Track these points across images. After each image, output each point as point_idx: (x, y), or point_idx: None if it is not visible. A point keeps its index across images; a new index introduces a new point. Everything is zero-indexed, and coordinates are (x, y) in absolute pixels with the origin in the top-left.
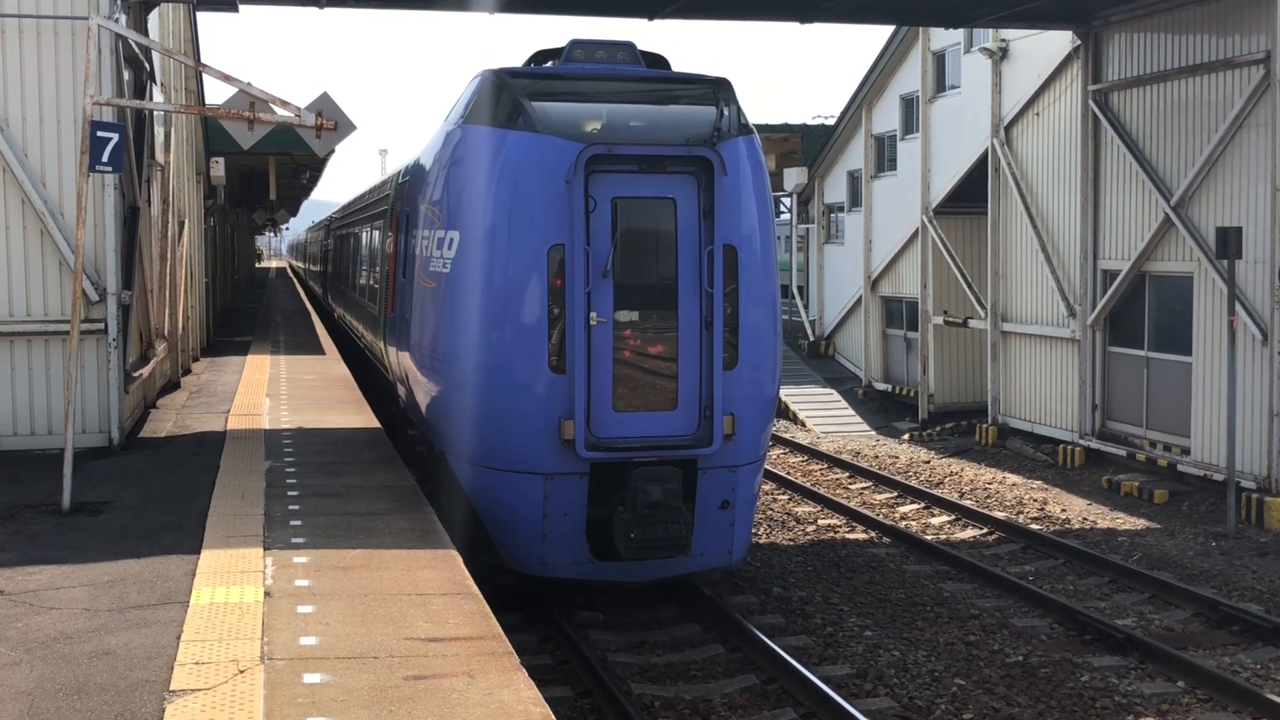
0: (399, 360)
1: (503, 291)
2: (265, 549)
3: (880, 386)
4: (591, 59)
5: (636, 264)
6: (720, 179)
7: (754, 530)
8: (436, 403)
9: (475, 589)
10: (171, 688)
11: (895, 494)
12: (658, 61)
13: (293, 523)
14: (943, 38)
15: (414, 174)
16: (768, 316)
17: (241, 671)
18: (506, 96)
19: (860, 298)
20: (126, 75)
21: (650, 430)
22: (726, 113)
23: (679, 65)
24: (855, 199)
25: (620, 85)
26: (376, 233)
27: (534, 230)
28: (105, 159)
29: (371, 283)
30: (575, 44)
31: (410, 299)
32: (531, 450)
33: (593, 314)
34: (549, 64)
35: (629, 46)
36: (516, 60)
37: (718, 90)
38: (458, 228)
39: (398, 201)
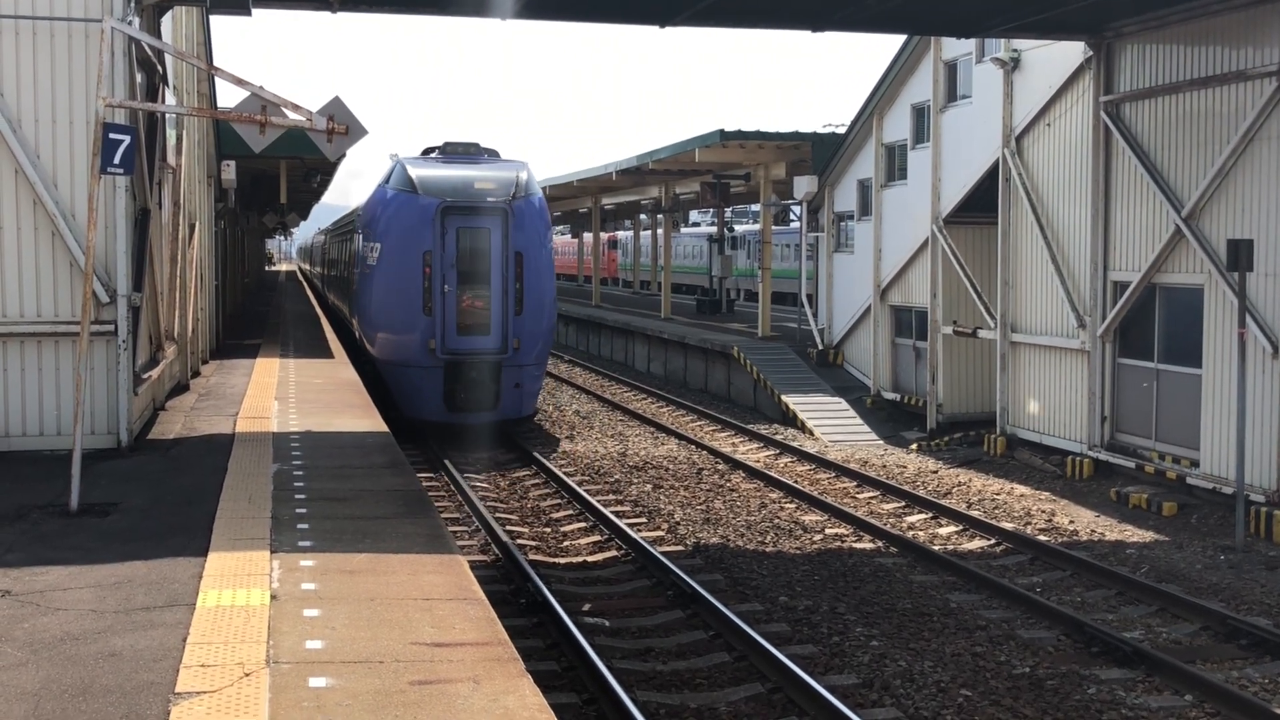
0: (357, 314)
1: (400, 276)
2: (272, 552)
3: (889, 396)
4: (455, 152)
5: (469, 262)
6: (511, 219)
7: (761, 539)
8: (371, 330)
9: (481, 594)
10: (177, 690)
11: (903, 503)
12: (493, 152)
13: (300, 526)
14: (954, 47)
15: (364, 208)
16: (540, 289)
17: (247, 675)
18: (405, 173)
19: (869, 307)
20: (139, 78)
21: (475, 346)
22: (520, 182)
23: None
24: (865, 208)
25: (467, 166)
26: (348, 242)
27: (416, 244)
28: (117, 161)
29: (345, 273)
30: (446, 144)
31: (362, 281)
32: (415, 354)
33: (445, 287)
34: (434, 153)
35: (476, 145)
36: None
37: (519, 169)
38: (379, 242)
39: (357, 223)
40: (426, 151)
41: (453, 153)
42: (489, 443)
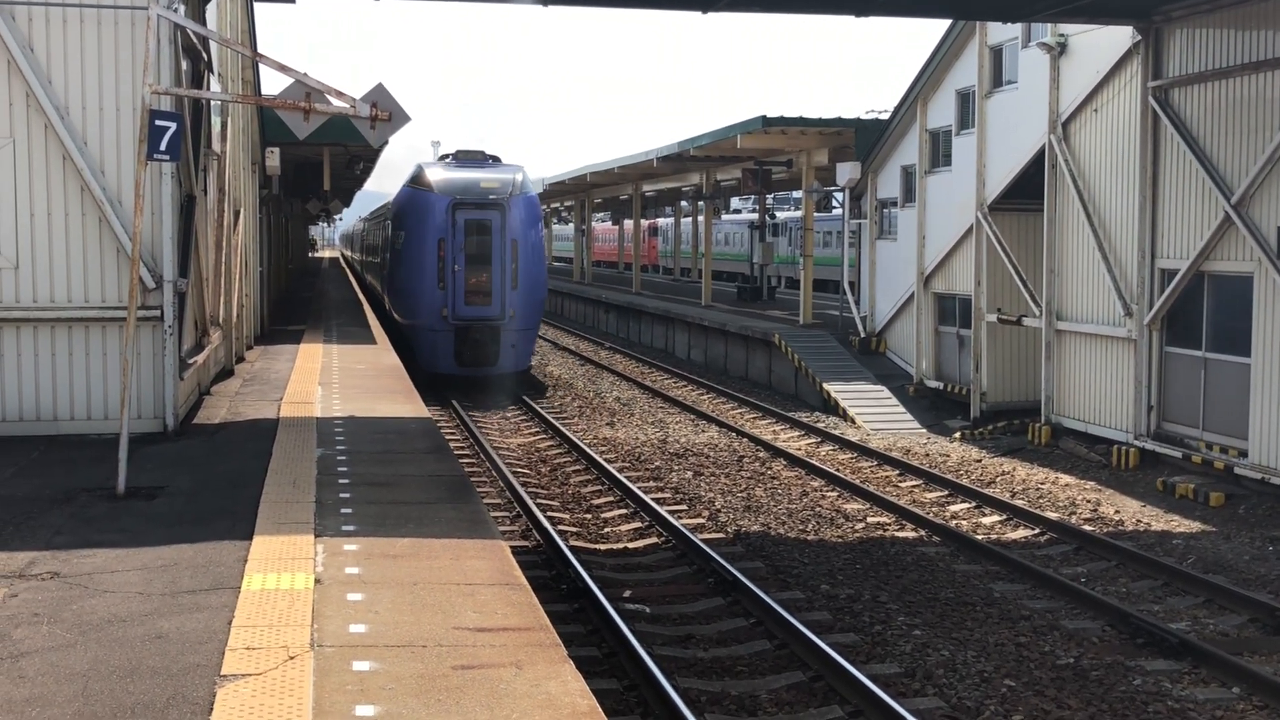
0: (388, 289)
1: (420, 257)
2: (316, 536)
3: (932, 384)
4: (467, 158)
5: (475, 246)
6: (509, 213)
7: (802, 527)
8: (397, 301)
9: (523, 579)
10: (223, 672)
11: (946, 492)
12: (496, 158)
13: (343, 510)
14: (1000, 32)
15: (393, 203)
16: (533, 269)
17: (292, 658)
18: (424, 175)
19: (912, 294)
20: (184, 65)
21: (480, 313)
22: (516, 183)
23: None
24: (909, 194)
25: (474, 170)
26: (381, 229)
27: (432, 232)
28: (163, 147)
29: (379, 256)
30: (459, 151)
31: (390, 261)
32: (431, 319)
33: (455, 266)
34: (449, 158)
35: (482, 152)
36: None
37: (515, 172)
38: (404, 230)
39: (388, 214)
40: (443, 157)
41: (463, 158)
42: (503, 394)
